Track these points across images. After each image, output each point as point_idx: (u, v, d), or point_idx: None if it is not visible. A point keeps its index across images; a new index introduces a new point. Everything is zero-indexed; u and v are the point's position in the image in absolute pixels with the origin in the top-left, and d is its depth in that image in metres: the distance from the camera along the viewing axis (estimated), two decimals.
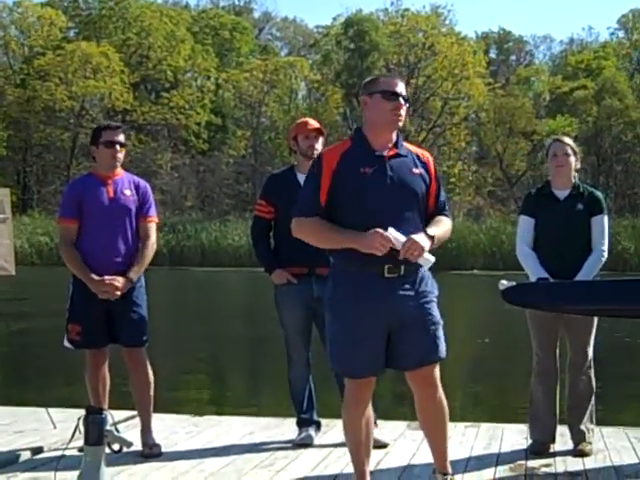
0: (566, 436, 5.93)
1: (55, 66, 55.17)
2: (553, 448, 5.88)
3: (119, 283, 5.69)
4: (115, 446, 4.94)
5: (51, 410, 6.77)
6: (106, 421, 4.79)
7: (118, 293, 5.70)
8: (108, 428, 4.80)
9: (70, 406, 7.24)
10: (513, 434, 6.39)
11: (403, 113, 4.57)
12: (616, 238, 35.89)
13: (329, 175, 4.48)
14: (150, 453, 5.78)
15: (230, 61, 64.16)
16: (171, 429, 6.61)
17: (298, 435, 6.21)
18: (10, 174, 56.09)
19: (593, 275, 5.72)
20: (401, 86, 4.59)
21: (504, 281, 5.35)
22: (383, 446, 5.92)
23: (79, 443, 5.19)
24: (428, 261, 4.37)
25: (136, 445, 5.53)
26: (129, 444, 5.01)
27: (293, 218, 4.58)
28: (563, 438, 5.96)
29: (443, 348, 4.59)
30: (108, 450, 4.84)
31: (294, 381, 6.26)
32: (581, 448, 5.76)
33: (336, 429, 6.44)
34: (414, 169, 4.57)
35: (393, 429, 6.48)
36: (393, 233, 4.33)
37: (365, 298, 4.45)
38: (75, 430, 5.00)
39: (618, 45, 64.85)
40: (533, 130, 55.28)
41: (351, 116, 56.78)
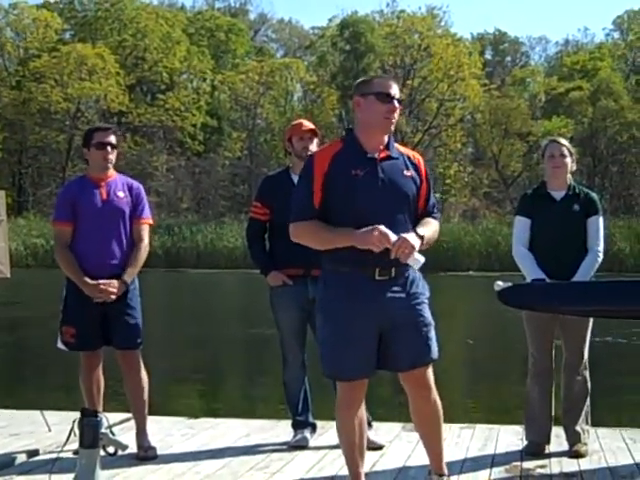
0: (561, 437, 5.93)
1: (51, 68, 55.13)
2: (548, 449, 5.87)
3: (114, 288, 5.69)
4: (110, 449, 4.93)
5: (46, 413, 6.76)
6: (101, 424, 4.79)
7: (113, 297, 5.69)
8: (103, 431, 4.79)
9: (65, 409, 7.23)
10: (508, 435, 6.39)
11: (396, 116, 4.56)
12: (612, 239, 35.93)
13: (321, 177, 4.47)
14: (145, 456, 5.77)
15: (226, 63, 64.17)
16: (166, 431, 6.60)
17: (293, 437, 6.20)
18: (5, 176, 56.07)
19: (589, 276, 5.72)
20: (395, 88, 4.56)
21: (500, 282, 5.35)
22: (378, 448, 5.92)
23: (74, 446, 5.18)
24: (418, 261, 4.37)
25: (131, 448, 5.52)
26: (124, 447, 5.00)
27: (290, 224, 4.56)
28: (558, 439, 5.96)
29: (435, 349, 4.58)
30: (103, 453, 4.83)
31: (289, 383, 6.25)
32: (576, 449, 5.75)
33: (331, 431, 6.42)
34: (405, 171, 4.55)
35: (388, 431, 6.47)
36: (385, 231, 4.33)
37: (356, 299, 4.45)
38: (70, 433, 5.00)
39: (613, 46, 64.99)
40: (529, 131, 55.36)
41: (347, 118, 56.76)
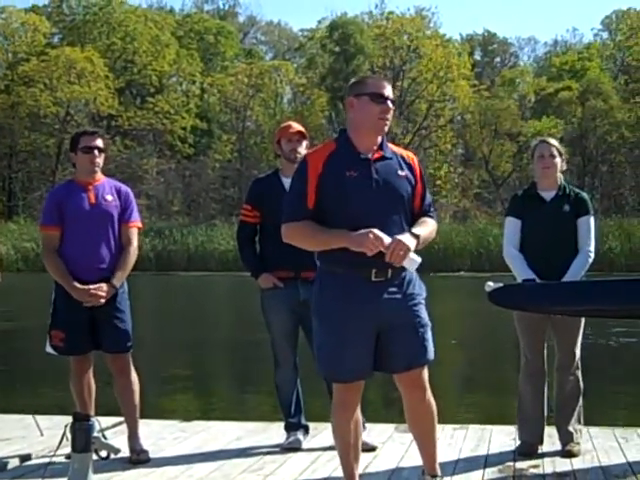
0: (554, 437, 5.93)
1: (39, 72, 55.04)
2: (541, 449, 5.88)
3: (103, 292, 5.68)
4: (102, 453, 4.93)
5: (38, 417, 6.74)
6: (93, 428, 4.79)
7: (102, 300, 5.68)
8: (95, 435, 4.79)
9: (57, 413, 7.22)
10: (501, 435, 6.39)
11: (390, 117, 4.55)
12: (602, 239, 36.00)
13: (315, 178, 4.45)
14: (138, 459, 5.76)
15: (215, 65, 64.16)
16: (159, 435, 6.59)
17: (286, 439, 6.19)
18: None
19: (580, 276, 5.72)
20: (389, 89, 4.55)
21: (490, 283, 5.35)
22: (371, 449, 5.91)
23: (66, 450, 5.18)
24: (414, 261, 4.35)
25: (124, 451, 5.52)
26: (116, 450, 5.00)
27: (282, 224, 4.54)
28: (551, 439, 5.96)
29: (431, 350, 4.57)
30: (95, 457, 4.83)
31: (281, 385, 6.24)
32: (569, 449, 5.76)
33: (324, 433, 6.43)
34: (400, 171, 4.54)
35: (381, 432, 6.47)
36: (379, 234, 4.32)
37: (352, 301, 4.44)
38: (62, 437, 4.99)
39: (602, 46, 65.12)
40: (518, 131, 55.47)
41: (336, 119, 56.83)
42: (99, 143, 5.86)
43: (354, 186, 4.43)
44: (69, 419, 4.82)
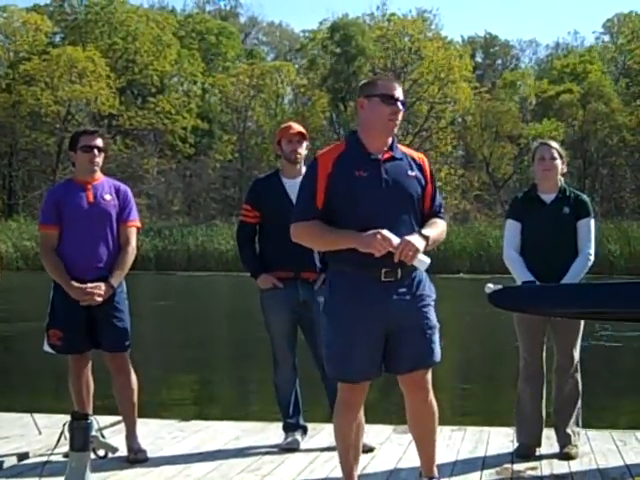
0: (552, 439, 5.94)
1: (41, 71, 54.97)
2: (539, 451, 5.88)
3: (100, 291, 5.67)
4: (100, 452, 4.94)
5: (36, 416, 6.74)
6: (91, 427, 4.79)
7: (100, 299, 5.68)
8: (93, 434, 4.79)
9: (56, 412, 7.22)
10: (499, 437, 6.39)
11: (400, 118, 4.54)
12: (602, 241, 35.98)
13: (324, 178, 4.46)
14: (135, 458, 5.76)
15: (216, 66, 64.11)
16: (157, 434, 6.59)
17: (284, 439, 6.19)
18: None
19: (579, 278, 5.73)
20: (399, 90, 4.55)
21: (490, 284, 5.35)
22: (369, 450, 5.91)
23: (64, 449, 5.18)
24: (423, 262, 4.35)
25: (122, 451, 5.52)
26: (114, 450, 5.00)
27: (292, 224, 4.55)
28: (549, 441, 5.97)
29: (438, 352, 4.58)
30: (93, 456, 4.83)
31: (280, 385, 6.24)
32: (567, 451, 5.76)
33: (322, 433, 6.44)
34: (409, 172, 4.54)
35: (379, 433, 6.47)
36: (388, 235, 4.31)
37: (361, 301, 4.43)
38: (60, 436, 4.99)
39: (603, 49, 65.08)
40: (519, 134, 55.40)
41: (337, 120, 56.82)
42: (99, 142, 5.86)
43: (363, 186, 4.43)
44: (67, 418, 4.82)
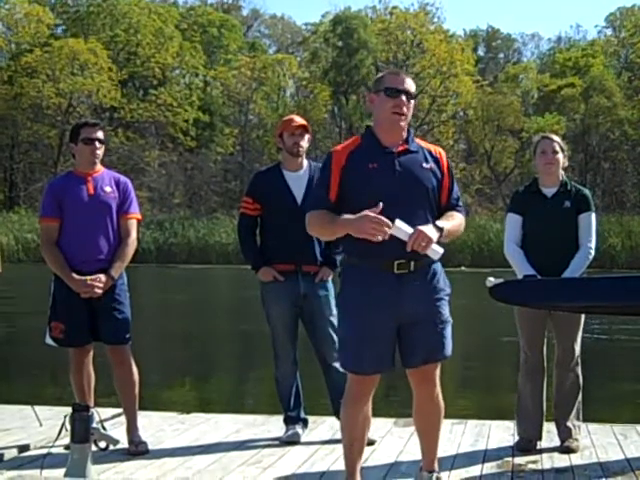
0: (553, 433, 5.94)
1: (42, 63, 54.95)
2: (540, 445, 5.89)
3: (100, 282, 5.67)
4: (102, 444, 4.94)
5: (37, 408, 6.75)
6: (92, 419, 4.80)
7: (100, 291, 5.67)
8: (94, 426, 4.80)
9: (57, 404, 7.22)
10: (500, 431, 6.40)
11: (405, 110, 4.48)
12: (603, 235, 35.99)
13: (338, 172, 4.46)
14: (136, 451, 5.76)
15: (218, 58, 64.01)
16: (158, 427, 6.59)
17: (285, 432, 6.19)
18: None
19: (580, 272, 5.72)
20: (407, 82, 4.51)
21: (492, 278, 5.35)
22: (370, 443, 5.89)
23: (65, 441, 5.18)
24: (436, 252, 4.32)
25: (123, 443, 5.53)
26: (115, 442, 5.01)
27: (306, 215, 4.57)
28: (550, 435, 5.97)
29: (449, 347, 4.59)
30: (94, 448, 4.84)
31: (281, 378, 6.24)
32: (568, 445, 5.76)
33: (323, 426, 6.44)
34: (424, 164, 4.51)
35: (380, 426, 6.46)
36: (401, 225, 4.26)
37: (374, 294, 4.42)
38: (61, 428, 5.00)
39: (606, 43, 64.95)
40: (521, 128, 55.34)
41: (339, 113, 56.80)
42: (100, 135, 5.86)
43: (376, 177, 4.42)
44: (68, 410, 4.83)
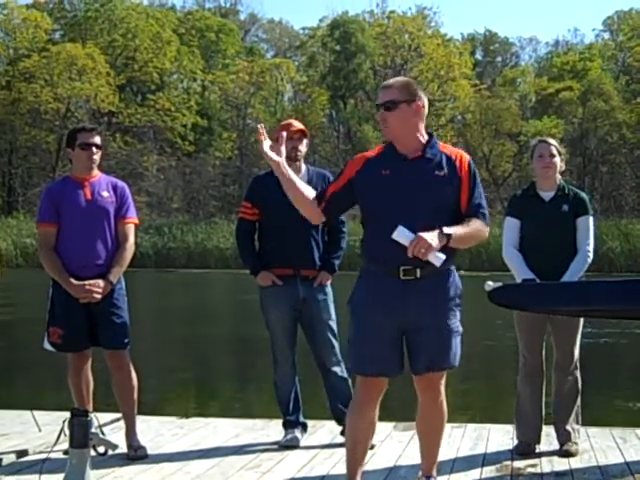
0: (552, 436, 5.94)
1: (40, 68, 54.94)
2: (539, 448, 5.89)
3: (99, 287, 5.67)
4: (100, 449, 4.92)
5: (36, 413, 6.73)
6: (91, 424, 4.78)
7: (98, 296, 5.67)
8: (93, 431, 4.79)
9: (55, 409, 7.21)
10: (499, 434, 6.40)
11: (384, 123, 4.51)
12: (602, 239, 36.00)
13: (353, 171, 4.54)
14: (135, 455, 5.76)
15: (216, 63, 64.05)
16: (156, 431, 6.59)
17: (284, 437, 6.19)
18: None
19: (579, 276, 5.73)
20: (383, 93, 4.52)
21: (490, 282, 5.35)
22: (369, 447, 5.91)
23: (64, 446, 5.17)
24: (438, 259, 4.28)
25: (121, 448, 5.52)
26: (114, 447, 4.99)
27: None
28: (549, 438, 5.97)
29: (456, 357, 4.54)
30: (93, 453, 4.82)
31: (280, 383, 6.24)
32: (567, 448, 5.77)
33: (322, 430, 6.44)
34: (437, 171, 4.49)
35: (379, 430, 6.41)
36: (402, 231, 4.25)
37: (380, 297, 4.45)
38: (60, 433, 4.98)
39: (603, 47, 65.05)
40: (519, 131, 55.35)
41: (337, 118, 56.81)
42: (97, 140, 5.85)
43: (386, 184, 4.45)
44: (67, 415, 4.82)
